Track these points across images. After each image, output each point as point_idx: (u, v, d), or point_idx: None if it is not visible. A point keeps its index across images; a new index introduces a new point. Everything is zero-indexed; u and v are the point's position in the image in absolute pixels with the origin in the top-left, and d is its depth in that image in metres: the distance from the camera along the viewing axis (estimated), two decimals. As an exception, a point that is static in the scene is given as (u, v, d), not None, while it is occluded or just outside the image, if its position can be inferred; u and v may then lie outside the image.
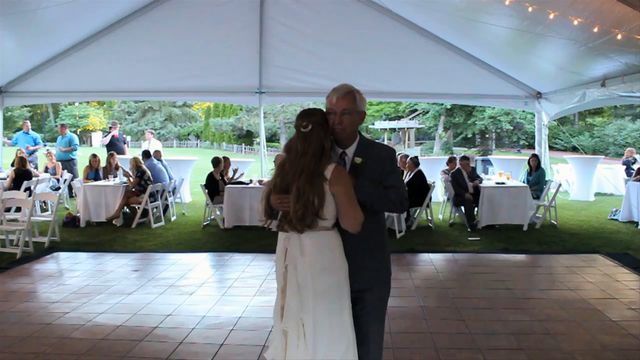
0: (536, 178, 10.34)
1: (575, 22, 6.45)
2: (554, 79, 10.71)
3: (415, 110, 40.48)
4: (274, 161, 2.97)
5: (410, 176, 9.96)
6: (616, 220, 10.36)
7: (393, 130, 38.45)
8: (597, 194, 14.06)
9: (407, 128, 36.95)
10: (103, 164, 11.74)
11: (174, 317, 5.12)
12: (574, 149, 36.55)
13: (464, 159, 10.36)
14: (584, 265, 7.06)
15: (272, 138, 42.43)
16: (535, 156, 10.78)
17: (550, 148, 37.24)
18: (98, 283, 6.30)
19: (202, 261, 7.50)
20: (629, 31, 6.50)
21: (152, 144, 14.28)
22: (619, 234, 9.12)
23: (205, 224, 10.07)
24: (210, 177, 10.21)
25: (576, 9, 6.68)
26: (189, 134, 50.66)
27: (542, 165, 11.05)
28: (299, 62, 11.41)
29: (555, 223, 9.84)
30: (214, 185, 10.14)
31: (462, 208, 9.97)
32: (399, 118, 41.61)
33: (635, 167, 14.90)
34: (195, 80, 11.74)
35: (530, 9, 7.13)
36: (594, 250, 7.85)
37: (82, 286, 6.18)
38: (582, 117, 40.49)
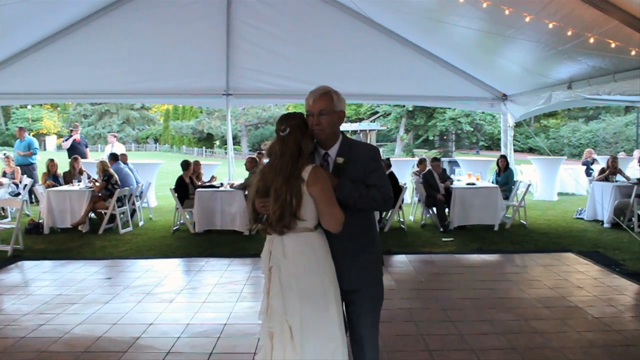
0: (505, 178, 10.52)
1: (550, 26, 6.55)
2: (520, 81, 10.90)
3: (376, 112, 40.80)
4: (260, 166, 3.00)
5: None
6: (582, 219, 10.63)
7: (355, 132, 38.69)
8: (559, 194, 14.41)
9: (369, 130, 37.24)
10: (62, 168, 11.35)
11: (157, 326, 4.95)
12: (531, 150, 37.56)
13: (435, 160, 10.46)
14: (558, 263, 7.20)
15: (232, 141, 42.03)
16: (503, 157, 10.97)
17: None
18: (70, 292, 6.06)
19: (177, 267, 7.32)
20: (599, 35, 6.67)
21: (116, 147, 13.91)
22: (587, 232, 9.35)
23: (175, 228, 9.85)
24: (180, 180, 9.99)
25: (548, 12, 6.80)
26: (147, 137, 49.70)
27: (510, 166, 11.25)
28: (266, 63, 11.28)
29: (525, 223, 10.02)
30: (184, 189, 9.93)
31: (434, 209, 10.05)
32: (359, 120, 41.90)
33: (594, 167, 15.39)
34: (160, 82, 11.45)
35: (503, 12, 7.25)
36: (565, 248, 8.02)
37: (54, 296, 5.93)
38: (537, 119, 41.62)
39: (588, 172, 15.50)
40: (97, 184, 9.79)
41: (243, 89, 11.88)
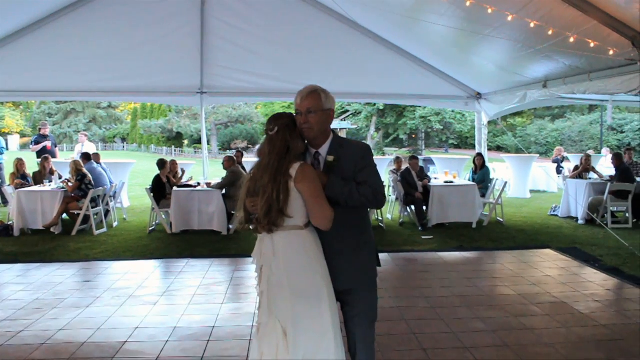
0: (481, 176, 10.62)
1: (532, 25, 6.61)
2: (496, 79, 11.02)
3: (347, 111, 40.88)
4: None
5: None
6: (556, 215, 10.82)
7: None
8: (531, 191, 14.64)
9: (340, 129, 37.30)
10: (29, 168, 11.01)
11: (143, 329, 4.81)
12: (499, 149, 38.14)
13: (413, 158, 10.50)
14: (539, 259, 7.29)
15: (200, 140, 41.49)
16: (480, 155, 11.08)
17: (475, 147, 38.79)
18: (48, 297, 5.85)
19: (157, 269, 7.16)
20: (579, 34, 6.76)
21: (86, 147, 13.60)
22: (562, 229, 9.51)
23: (151, 229, 9.66)
24: (157, 180, 9.79)
25: (528, 12, 6.87)
26: (114, 137, 48.77)
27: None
28: (241, 61, 11.16)
29: (502, 220, 10.14)
30: (161, 189, 9.74)
31: (412, 207, 10.08)
32: (330, 119, 41.84)
33: (564, 165, 15.70)
34: (133, 80, 11.24)
35: (481, 10, 7.29)
36: (544, 245, 8.14)
37: (31, 301, 5.71)
38: (504, 117, 42.30)
39: (558, 170, 15.81)
40: (70, 184, 9.52)
41: (217, 87, 11.76)
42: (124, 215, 11.16)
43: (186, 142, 42.45)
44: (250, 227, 2.84)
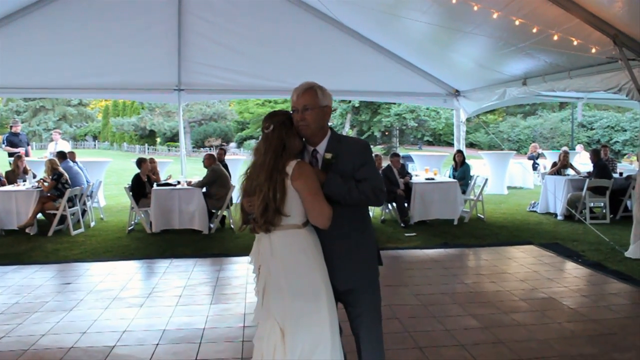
0: (462, 173, 10.67)
1: (517, 22, 6.65)
2: (475, 77, 11.10)
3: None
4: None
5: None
6: (535, 211, 10.95)
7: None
8: (508, 188, 14.80)
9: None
10: (2, 167, 10.70)
11: (131, 333, 4.68)
12: (472, 145, 38.53)
13: (395, 155, 10.50)
14: (523, 255, 7.35)
15: (174, 138, 41.04)
16: (460, 152, 11.13)
17: (449, 144, 39.07)
18: (28, 300, 5.66)
19: (139, 269, 7.01)
20: (562, 32, 6.83)
21: (60, 145, 13.29)
22: (543, 224, 9.62)
23: (130, 228, 9.47)
24: (137, 178, 9.59)
25: (511, 10, 6.90)
26: (85, 135, 47.84)
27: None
28: (219, 58, 11.02)
29: (483, 217, 10.22)
30: (141, 188, 9.55)
31: (394, 204, 10.08)
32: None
33: (540, 161, 15.92)
34: (108, 77, 11.01)
35: (461, 7, 7.30)
36: (526, 241, 8.21)
37: (10, 305, 5.52)
38: (477, 115, 42.68)
39: (534, 166, 16.03)
40: (46, 183, 9.27)
41: (196, 84, 11.62)
42: (101, 214, 10.93)
43: (159, 139, 41.90)
44: (248, 227, 2.79)
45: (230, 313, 5.17)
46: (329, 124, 2.86)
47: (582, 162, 14.67)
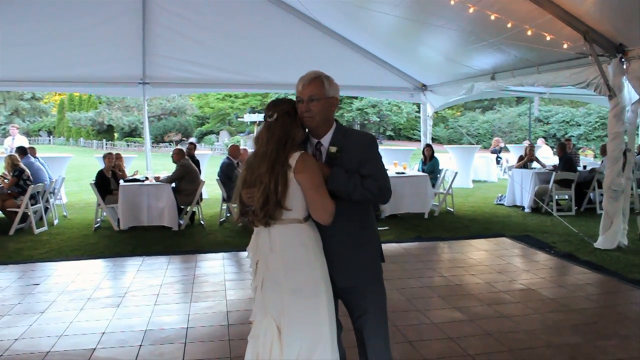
0: (431, 167, 10.76)
1: (493, 17, 6.71)
2: (442, 71, 11.18)
3: (283, 103, 40.55)
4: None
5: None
6: (502, 204, 11.14)
7: (261, 122, 38.31)
8: (473, 181, 15.04)
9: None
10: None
11: (111, 334, 4.51)
12: (432, 140, 38.99)
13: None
14: (497, 248, 7.47)
15: (132, 133, 40.13)
16: (429, 146, 11.23)
17: (409, 139, 39.51)
18: (-4, 302, 5.42)
19: (111, 268, 6.78)
20: (534, 27, 6.93)
21: (17, 140, 12.79)
22: (511, 217, 9.80)
23: (96, 226, 9.18)
24: (101, 175, 9.31)
25: (485, 4, 6.96)
26: (39, 130, 46.24)
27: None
28: (186, 51, 10.78)
29: (452, 210, 10.33)
30: (105, 184, 9.27)
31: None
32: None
33: (502, 155, 16.23)
34: (68, 70, 10.59)
35: (440, 1, 7.33)
36: (498, 233, 8.34)
37: (-24, 308, 5.28)
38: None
39: (497, 160, 16.33)
40: (7, 180, 8.90)
41: (161, 77, 11.34)
42: (64, 212, 10.57)
43: (117, 135, 40.89)
44: (246, 219, 2.67)
45: (212, 311, 5.06)
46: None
47: (544, 155, 15.02)
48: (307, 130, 2.67)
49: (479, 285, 5.71)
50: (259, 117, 37.42)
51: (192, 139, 39.26)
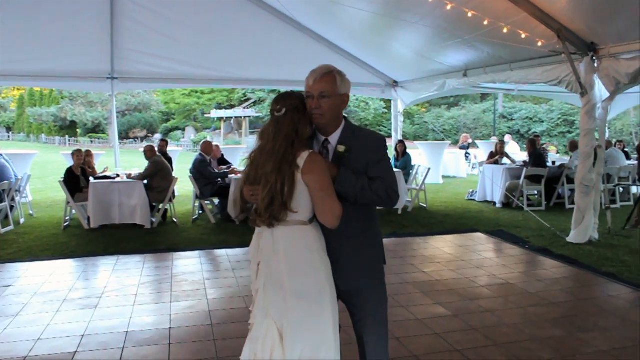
0: (404, 163, 10.83)
1: (470, 15, 6.77)
2: (414, 68, 11.25)
3: (249, 99, 40.35)
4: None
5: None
6: (474, 200, 11.29)
7: (229, 119, 38.09)
8: (443, 177, 15.21)
9: (244, 117, 36.82)
10: None
11: (91, 337, 4.38)
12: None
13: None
14: (472, 243, 7.56)
15: (95, 129, 39.30)
16: (402, 142, 11.30)
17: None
18: (-35, 305, 5.22)
19: (85, 268, 6.60)
20: (509, 25, 7.03)
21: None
22: (484, 212, 9.94)
23: (65, 225, 8.94)
24: (70, 172, 9.06)
25: (461, 1, 7.02)
26: (-3, 126, 44.94)
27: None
28: (155, 46, 10.57)
29: (425, 206, 10.42)
30: (74, 182, 9.03)
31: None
32: (232, 107, 41.20)
33: (471, 151, 16.46)
34: (33, 63, 10.24)
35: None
36: (473, 229, 8.45)
37: (-56, 311, 5.06)
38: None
39: (466, 156, 16.56)
40: (-29, 178, 8.59)
41: (130, 72, 11.08)
42: (30, 210, 10.27)
43: (79, 131, 39.95)
44: (245, 216, 2.60)
45: (194, 311, 4.97)
46: (256, 114, 2.63)
47: (512, 151, 15.26)
48: (314, 126, 2.56)
49: (459, 281, 5.77)
50: (226, 113, 37.15)
51: (157, 135, 38.81)
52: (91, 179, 9.07)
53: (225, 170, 9.80)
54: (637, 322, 4.60)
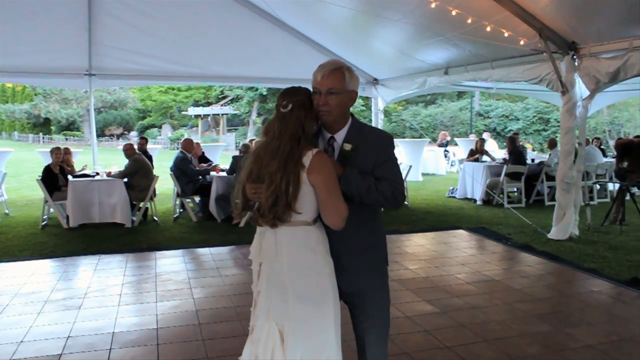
0: (385, 161, 10.83)
1: (454, 13, 6.80)
2: (395, 65, 11.27)
3: (226, 96, 40.08)
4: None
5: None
6: (454, 197, 11.38)
7: (207, 116, 37.84)
8: (422, 174, 15.30)
9: (222, 114, 36.60)
10: None
11: (77, 338, 4.29)
12: (377, 134, 39.37)
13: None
14: (455, 240, 7.62)
15: (70, 126, 38.61)
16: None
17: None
18: (-57, 307, 5.08)
19: (66, 268, 6.47)
20: (492, 24, 7.08)
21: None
22: (465, 209, 10.03)
23: (43, 224, 8.77)
24: (48, 170, 8.88)
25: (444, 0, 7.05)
26: (-33, 123, 43.88)
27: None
28: (134, 42, 10.40)
29: (407, 203, 10.46)
30: (53, 180, 8.86)
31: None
32: (209, 104, 40.91)
33: (450, 148, 16.59)
34: (5, 59, 10.03)
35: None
36: (455, 226, 8.51)
37: None
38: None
39: (445, 154, 16.68)
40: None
41: (108, 69, 10.92)
42: (5, 209, 10.06)
43: (53, 128, 39.25)
44: (243, 218, 2.56)
45: (180, 311, 4.91)
46: (234, 111, 2.56)
47: (490, 149, 15.40)
48: (319, 122, 2.49)
49: (445, 278, 5.80)
50: (203, 110, 36.85)
51: (133, 133, 38.34)
52: (70, 177, 8.91)
53: (207, 168, 9.73)
54: (621, 317, 4.69)
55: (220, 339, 4.23)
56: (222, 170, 9.44)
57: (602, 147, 13.23)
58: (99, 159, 11.53)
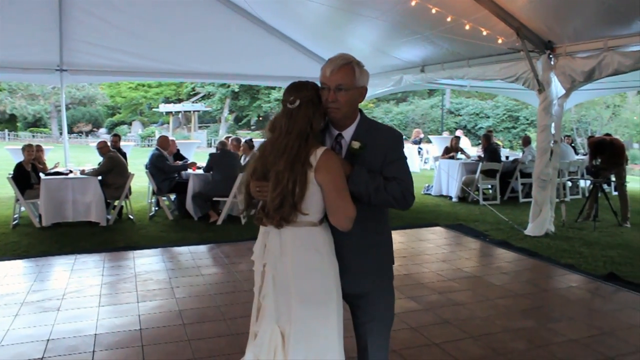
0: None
1: (434, 11, 6.84)
2: (370, 63, 11.07)
3: (198, 93, 39.68)
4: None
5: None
6: (430, 194, 11.47)
7: (178, 113, 37.40)
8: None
9: (193, 111, 36.22)
10: None
11: (58, 341, 4.18)
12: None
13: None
14: (434, 237, 7.68)
15: (36, 123, 37.68)
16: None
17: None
18: None
19: (41, 268, 6.29)
20: (470, 22, 7.15)
21: None
22: (441, 207, 10.11)
23: (14, 223, 8.54)
24: (20, 168, 8.65)
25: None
26: None
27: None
28: (107, 38, 10.21)
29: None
30: (25, 178, 8.63)
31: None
32: (180, 101, 40.46)
33: (423, 146, 16.72)
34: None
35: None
36: (433, 223, 8.58)
37: None
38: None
39: (418, 151, 16.81)
40: None
41: (80, 64, 10.71)
42: (-28, 209, 9.77)
43: (19, 124, 38.25)
44: (253, 214, 2.48)
45: (163, 311, 4.83)
46: (205, 108, 2.48)
47: (464, 146, 15.57)
48: (327, 118, 2.42)
49: (427, 275, 5.84)
50: (175, 107, 36.37)
51: (102, 129, 37.66)
52: (42, 175, 8.69)
53: (185, 164, 9.62)
54: (601, 311, 4.80)
55: (206, 339, 4.17)
56: (199, 168, 9.34)
57: (573, 144, 13.50)
58: (70, 156, 11.31)
